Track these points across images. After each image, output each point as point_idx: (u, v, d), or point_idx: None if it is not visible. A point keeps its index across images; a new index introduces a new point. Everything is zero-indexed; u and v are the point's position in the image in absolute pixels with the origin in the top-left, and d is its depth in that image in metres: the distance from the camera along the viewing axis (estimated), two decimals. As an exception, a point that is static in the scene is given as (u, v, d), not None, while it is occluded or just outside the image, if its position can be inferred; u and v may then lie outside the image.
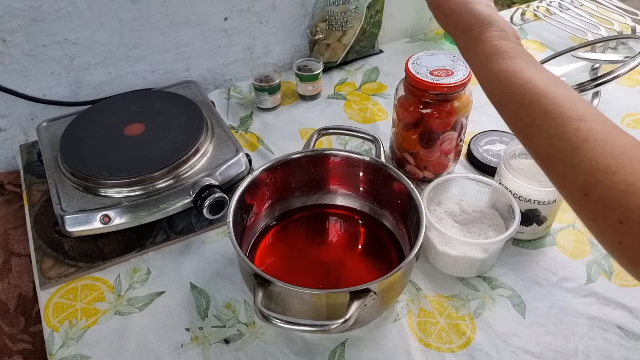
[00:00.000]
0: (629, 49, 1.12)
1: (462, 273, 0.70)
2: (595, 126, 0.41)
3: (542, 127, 0.44)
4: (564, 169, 0.41)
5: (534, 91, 0.46)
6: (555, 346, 0.62)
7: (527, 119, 0.45)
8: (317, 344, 0.63)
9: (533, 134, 0.45)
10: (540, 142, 0.44)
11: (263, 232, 0.74)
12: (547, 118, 0.43)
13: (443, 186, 0.73)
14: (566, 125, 0.42)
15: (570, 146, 0.41)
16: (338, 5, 1.00)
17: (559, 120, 0.42)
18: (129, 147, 0.76)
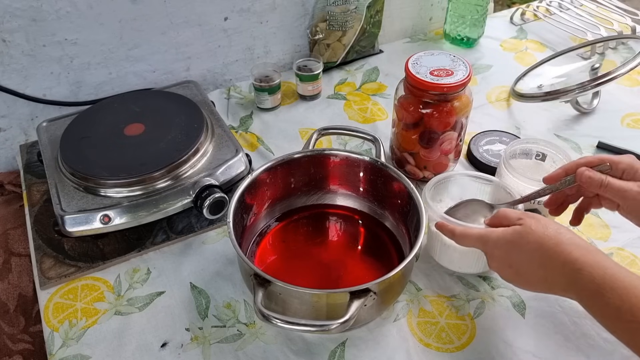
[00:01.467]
0: (629, 49, 1.12)
1: (468, 268, 0.69)
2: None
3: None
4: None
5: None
6: (555, 346, 0.62)
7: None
8: (317, 344, 0.63)
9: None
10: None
11: (263, 232, 0.74)
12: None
13: (443, 184, 0.72)
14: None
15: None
16: (338, 5, 1.00)
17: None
18: (129, 147, 0.76)
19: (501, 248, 0.56)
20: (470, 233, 0.59)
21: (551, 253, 0.52)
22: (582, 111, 0.97)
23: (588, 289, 0.49)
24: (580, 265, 0.50)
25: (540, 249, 0.52)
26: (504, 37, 1.19)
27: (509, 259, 0.55)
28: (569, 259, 0.51)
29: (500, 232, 0.56)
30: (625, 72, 0.86)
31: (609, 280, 0.48)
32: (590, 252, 0.51)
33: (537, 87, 0.98)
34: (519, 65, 1.09)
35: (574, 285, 0.50)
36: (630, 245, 0.74)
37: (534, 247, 0.53)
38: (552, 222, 0.55)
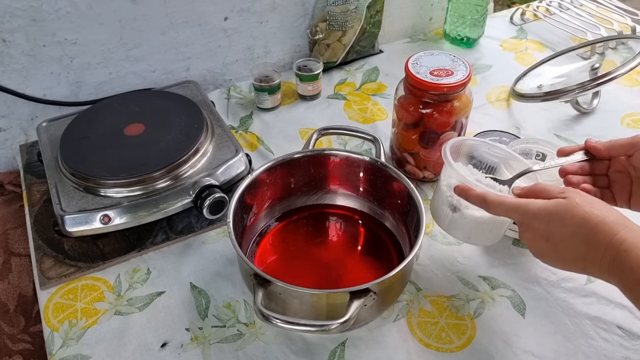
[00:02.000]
0: (629, 49, 1.12)
1: (478, 239, 0.65)
2: None
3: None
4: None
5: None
6: (555, 346, 0.62)
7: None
8: (317, 344, 0.63)
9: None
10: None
11: (263, 232, 0.74)
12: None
13: (461, 147, 0.69)
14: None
15: None
16: (338, 5, 1.00)
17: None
18: (129, 147, 0.76)
19: (542, 219, 0.52)
20: (505, 201, 0.55)
21: (597, 230, 0.49)
22: (582, 111, 0.97)
23: (633, 273, 0.47)
24: (627, 246, 0.47)
25: (586, 225, 0.50)
26: (504, 37, 1.19)
27: (548, 231, 0.52)
28: (616, 239, 0.48)
29: (541, 203, 0.53)
30: (625, 72, 0.86)
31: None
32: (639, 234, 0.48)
33: (537, 87, 0.98)
34: (519, 65, 1.09)
35: (618, 268, 0.48)
36: (630, 245, 0.74)
37: (579, 221, 0.50)
38: (598, 200, 0.52)
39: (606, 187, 0.62)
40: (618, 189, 0.61)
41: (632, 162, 0.59)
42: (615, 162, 0.61)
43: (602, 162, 0.62)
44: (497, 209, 0.56)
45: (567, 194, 0.53)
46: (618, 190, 0.61)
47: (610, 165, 0.62)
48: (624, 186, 0.60)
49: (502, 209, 0.56)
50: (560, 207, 0.51)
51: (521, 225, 0.55)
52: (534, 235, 0.54)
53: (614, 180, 0.61)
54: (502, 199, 0.56)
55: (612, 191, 0.61)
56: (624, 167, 0.60)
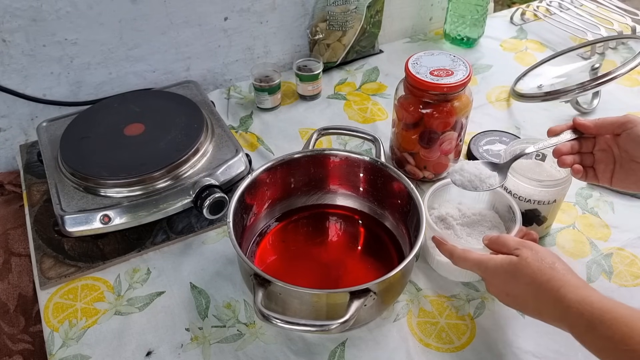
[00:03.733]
0: (629, 49, 1.12)
1: (466, 278, 0.69)
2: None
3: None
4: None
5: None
6: (555, 346, 0.62)
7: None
8: (317, 344, 0.63)
9: None
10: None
11: (263, 232, 0.74)
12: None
13: (442, 190, 0.72)
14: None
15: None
16: (338, 5, 1.00)
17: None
18: (129, 147, 0.76)
19: (498, 277, 0.57)
20: (468, 258, 0.60)
21: (543, 289, 0.53)
22: (582, 111, 0.97)
23: (579, 325, 0.51)
24: (567, 302, 0.51)
25: (533, 284, 0.54)
26: (504, 37, 1.19)
27: (505, 288, 0.57)
28: (557, 296, 0.52)
29: (498, 261, 0.57)
30: (625, 72, 0.86)
31: (597, 314, 0.49)
32: (578, 288, 0.52)
33: (537, 87, 0.98)
34: (519, 65, 1.09)
35: (565, 321, 0.52)
36: (630, 245, 0.74)
37: (528, 280, 0.54)
38: (549, 253, 0.56)
39: (590, 165, 0.65)
40: (602, 168, 0.64)
41: (618, 141, 0.62)
42: (600, 141, 0.64)
43: (588, 141, 0.65)
44: (461, 263, 0.61)
45: (519, 250, 0.57)
46: (602, 169, 0.64)
47: (595, 144, 0.64)
48: (607, 164, 0.63)
49: (466, 264, 0.61)
50: (512, 267, 0.56)
51: (484, 280, 0.60)
52: (496, 291, 0.58)
53: (598, 158, 0.64)
54: (465, 255, 0.61)
55: (595, 169, 0.64)
56: (608, 146, 0.63)
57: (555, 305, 0.52)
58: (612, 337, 0.48)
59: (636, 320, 0.48)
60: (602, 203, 0.80)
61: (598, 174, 0.64)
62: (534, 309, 0.55)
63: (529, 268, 0.54)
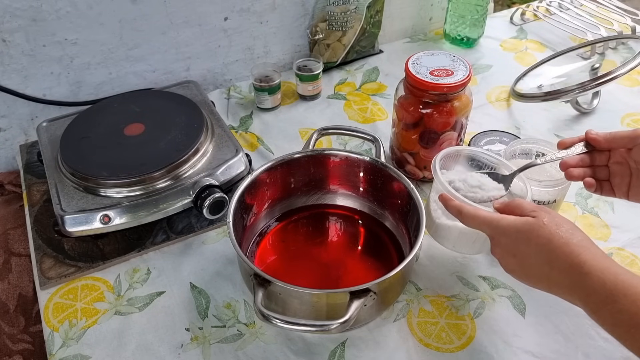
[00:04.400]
0: (629, 49, 1.12)
1: (462, 248, 0.67)
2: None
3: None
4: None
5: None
6: (555, 346, 0.62)
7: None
8: (317, 344, 0.63)
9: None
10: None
11: (263, 232, 0.74)
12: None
13: (452, 157, 0.70)
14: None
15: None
16: (338, 5, 1.00)
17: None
18: (129, 147, 0.76)
19: (509, 236, 0.54)
20: (478, 214, 0.57)
21: (559, 252, 0.50)
22: (582, 111, 0.97)
23: (597, 294, 0.48)
24: (588, 269, 0.48)
25: (549, 245, 0.51)
26: (504, 37, 1.19)
27: (515, 248, 0.54)
28: (576, 262, 0.49)
29: (511, 220, 0.54)
30: (625, 72, 0.86)
31: (621, 286, 0.46)
32: (600, 257, 0.49)
33: (537, 87, 0.98)
34: (519, 65, 1.09)
35: (580, 290, 0.49)
36: (630, 245, 0.74)
37: (543, 241, 0.51)
38: (567, 220, 0.53)
39: (606, 179, 0.62)
40: (618, 181, 0.61)
41: (632, 155, 0.60)
42: (615, 154, 0.62)
43: (602, 154, 0.62)
44: (470, 221, 0.58)
45: (537, 212, 0.54)
46: (618, 182, 0.61)
47: (610, 157, 0.62)
48: (623, 178, 0.61)
49: (475, 222, 0.57)
50: (527, 226, 0.53)
51: (492, 239, 0.57)
52: (503, 251, 0.55)
53: (613, 171, 0.62)
54: (476, 212, 0.57)
55: (612, 182, 0.62)
56: (624, 158, 0.61)
57: (570, 272, 0.49)
58: (637, 313, 0.45)
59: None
60: (602, 203, 0.80)
61: (614, 188, 0.61)
62: (542, 275, 0.52)
63: (546, 229, 0.51)
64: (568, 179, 0.62)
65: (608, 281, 0.47)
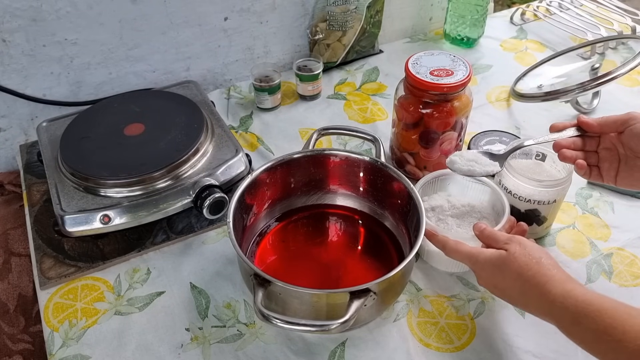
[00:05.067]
0: (629, 49, 1.12)
1: (456, 268, 0.70)
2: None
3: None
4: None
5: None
6: (555, 346, 0.62)
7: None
8: (317, 344, 0.63)
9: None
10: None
11: (263, 232, 0.74)
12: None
13: (432, 182, 0.73)
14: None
15: None
16: (338, 5, 1.00)
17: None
18: (129, 147, 0.76)
19: (487, 270, 0.58)
20: (459, 250, 0.61)
21: (529, 284, 0.54)
22: (582, 111, 0.97)
23: (564, 319, 0.52)
24: (552, 297, 0.52)
25: (520, 279, 0.55)
26: (504, 37, 1.19)
27: (494, 281, 0.58)
28: (543, 291, 0.53)
29: (487, 255, 0.58)
30: (625, 72, 0.86)
31: (581, 307, 0.50)
32: (563, 282, 0.53)
33: (537, 87, 0.98)
34: (519, 65, 1.09)
35: (551, 315, 0.53)
36: (630, 245, 0.74)
37: (515, 275, 0.55)
38: (537, 249, 0.57)
39: (595, 164, 0.65)
40: (606, 166, 0.64)
41: (622, 138, 0.62)
42: (605, 139, 0.64)
43: (592, 139, 0.65)
44: (453, 254, 0.62)
45: (509, 245, 0.57)
46: (606, 167, 0.64)
47: (600, 143, 0.64)
48: (611, 163, 0.63)
49: (458, 256, 0.62)
50: (500, 261, 0.57)
51: (475, 272, 0.61)
52: (485, 283, 0.60)
53: (602, 157, 0.64)
54: (457, 247, 0.62)
55: (600, 168, 0.64)
56: (613, 144, 0.63)
57: (540, 300, 0.53)
58: (597, 329, 0.49)
59: (620, 312, 0.48)
60: (602, 203, 0.80)
61: (602, 173, 0.64)
62: (521, 303, 0.57)
63: (516, 263, 0.55)
64: (561, 159, 0.64)
65: (570, 305, 0.51)
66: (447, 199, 0.73)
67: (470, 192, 0.73)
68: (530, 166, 0.73)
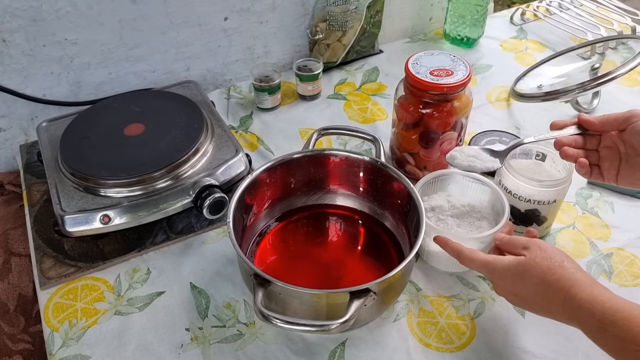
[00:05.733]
0: (629, 49, 1.12)
1: (456, 268, 0.69)
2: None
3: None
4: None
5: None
6: (555, 346, 0.62)
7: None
8: (317, 344, 0.63)
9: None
10: None
11: (263, 232, 0.74)
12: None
13: (432, 182, 0.73)
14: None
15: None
16: (338, 5, 1.00)
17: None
18: (129, 147, 0.76)
19: (506, 279, 0.56)
20: (475, 258, 0.59)
21: (553, 289, 0.53)
22: (582, 111, 0.97)
23: (590, 325, 0.50)
24: (578, 302, 0.51)
25: (542, 284, 0.53)
26: (504, 37, 1.19)
27: (514, 289, 0.56)
28: (568, 296, 0.51)
29: (505, 263, 0.57)
30: (625, 72, 0.86)
31: (608, 313, 0.49)
32: (588, 286, 0.51)
33: (537, 87, 0.98)
34: (519, 65, 1.09)
35: (576, 321, 0.51)
36: (630, 245, 0.74)
37: (537, 281, 0.54)
38: (558, 251, 0.55)
39: (595, 163, 0.64)
40: (607, 165, 0.63)
41: (623, 136, 0.61)
42: (605, 138, 0.63)
43: (593, 137, 0.64)
44: (468, 263, 0.61)
45: (528, 250, 0.56)
46: (607, 166, 0.63)
47: (600, 141, 0.63)
48: (612, 162, 0.62)
49: (473, 265, 0.60)
50: (521, 268, 0.55)
51: (492, 281, 0.59)
52: (504, 292, 0.58)
53: (603, 155, 0.63)
54: (473, 255, 0.60)
55: (601, 167, 0.63)
56: (614, 142, 0.62)
57: (565, 305, 0.52)
58: (625, 337, 0.47)
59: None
60: (602, 203, 0.80)
61: (603, 172, 0.63)
62: (543, 309, 0.55)
63: (538, 268, 0.54)
64: (563, 157, 0.63)
65: (596, 311, 0.49)
66: (447, 199, 0.73)
67: (470, 192, 0.73)
68: (530, 166, 0.73)
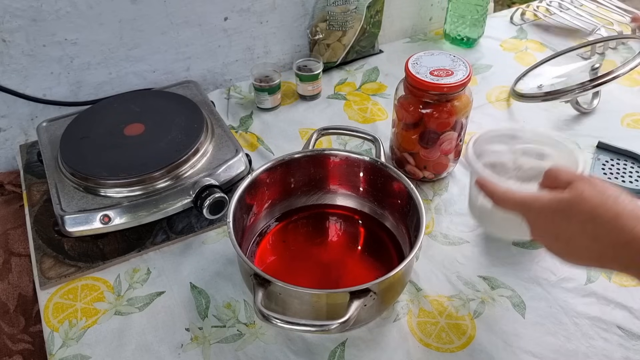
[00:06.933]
0: (629, 49, 1.12)
1: (510, 233, 0.63)
2: None
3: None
4: None
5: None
6: (555, 346, 0.62)
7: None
8: (317, 344, 0.63)
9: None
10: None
11: (263, 232, 0.74)
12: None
13: (497, 138, 0.67)
14: None
15: None
16: (338, 5, 1.00)
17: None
18: (129, 147, 0.76)
19: (546, 218, 0.48)
20: (511, 197, 0.51)
21: (609, 227, 0.44)
22: (582, 111, 0.97)
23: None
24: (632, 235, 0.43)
25: (594, 221, 0.45)
26: (504, 37, 1.19)
27: (555, 230, 0.48)
28: (633, 237, 0.43)
29: (545, 200, 0.48)
30: (625, 72, 0.86)
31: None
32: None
33: (537, 87, 0.98)
34: (519, 65, 1.09)
35: (629, 258, 0.44)
36: (630, 245, 0.74)
37: (587, 217, 0.45)
38: (610, 186, 0.47)
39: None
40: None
41: None
42: None
43: None
44: (503, 204, 0.53)
45: (574, 184, 0.48)
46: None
47: None
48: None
49: (508, 204, 0.52)
50: (564, 204, 0.47)
51: (528, 223, 0.51)
52: (544, 235, 0.50)
53: None
54: (508, 194, 0.52)
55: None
56: None
57: (626, 248, 0.44)
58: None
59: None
60: (602, 203, 0.80)
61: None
62: (593, 253, 0.46)
63: (587, 204, 0.46)
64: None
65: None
66: (516, 157, 0.63)
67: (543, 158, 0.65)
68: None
